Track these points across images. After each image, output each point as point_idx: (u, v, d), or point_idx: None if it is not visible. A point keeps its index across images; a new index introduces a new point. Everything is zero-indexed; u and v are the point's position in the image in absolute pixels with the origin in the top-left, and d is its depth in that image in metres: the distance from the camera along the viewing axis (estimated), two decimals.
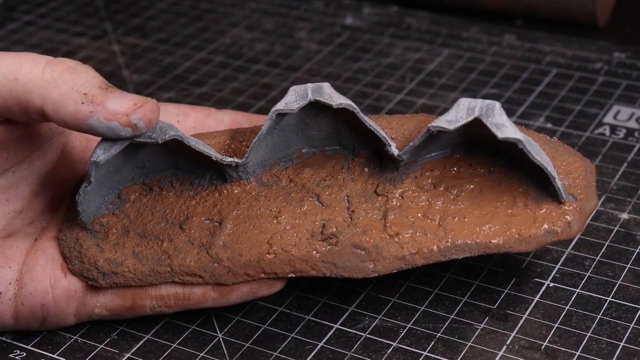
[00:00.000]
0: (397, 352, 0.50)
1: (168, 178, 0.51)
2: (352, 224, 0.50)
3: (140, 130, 0.47)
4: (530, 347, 0.50)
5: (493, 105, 0.48)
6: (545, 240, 0.49)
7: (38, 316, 0.50)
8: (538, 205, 0.49)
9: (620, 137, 0.65)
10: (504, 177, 0.50)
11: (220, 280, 0.50)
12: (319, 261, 0.49)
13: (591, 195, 0.50)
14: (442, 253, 0.49)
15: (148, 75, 0.75)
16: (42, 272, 0.50)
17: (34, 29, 0.83)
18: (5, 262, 0.50)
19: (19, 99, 0.47)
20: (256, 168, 0.51)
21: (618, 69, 0.73)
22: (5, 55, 0.48)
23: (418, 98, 0.71)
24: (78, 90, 0.47)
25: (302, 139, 0.51)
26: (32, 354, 0.51)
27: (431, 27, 0.80)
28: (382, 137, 0.49)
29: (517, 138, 0.47)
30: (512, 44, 0.77)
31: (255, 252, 0.49)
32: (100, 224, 0.51)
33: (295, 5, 0.85)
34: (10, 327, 0.51)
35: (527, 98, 0.70)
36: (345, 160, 0.51)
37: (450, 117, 0.48)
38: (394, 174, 0.50)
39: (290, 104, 0.49)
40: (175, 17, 0.84)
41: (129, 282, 0.50)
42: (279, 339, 0.51)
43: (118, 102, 0.47)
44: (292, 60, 0.77)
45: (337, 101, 0.48)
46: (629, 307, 0.52)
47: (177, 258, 0.50)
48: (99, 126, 0.47)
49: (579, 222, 0.49)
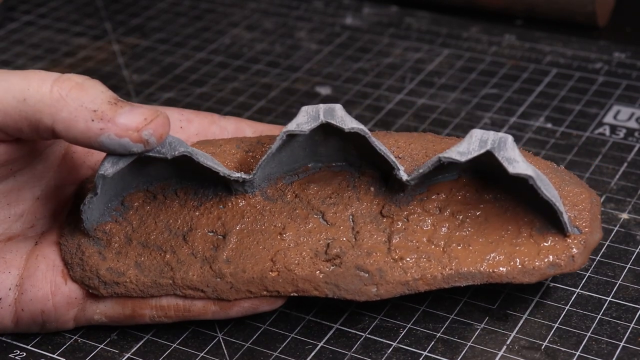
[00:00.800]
0: (397, 352, 0.50)
1: (172, 187, 0.51)
2: (356, 245, 0.49)
3: (151, 145, 0.47)
4: (530, 347, 0.50)
5: (505, 139, 0.48)
6: (549, 273, 0.49)
7: (38, 321, 0.50)
8: (543, 236, 0.49)
9: (620, 137, 0.65)
10: (509, 205, 0.50)
11: (222, 295, 0.49)
12: (322, 282, 0.49)
13: (596, 228, 0.50)
14: (446, 280, 0.49)
15: (148, 75, 0.75)
16: (43, 278, 0.50)
17: (34, 29, 0.83)
18: (5, 267, 0.50)
19: (29, 119, 0.46)
20: (261, 182, 0.51)
21: (618, 69, 0.73)
22: (12, 75, 0.47)
23: (418, 98, 0.71)
24: (87, 107, 0.46)
25: (309, 154, 0.51)
26: (32, 354, 0.51)
27: (431, 27, 0.80)
28: (391, 162, 0.49)
29: (529, 174, 0.47)
30: (512, 44, 0.77)
31: (259, 269, 0.49)
32: (103, 232, 0.50)
33: (295, 5, 0.85)
34: (10, 330, 0.51)
35: (527, 98, 0.70)
36: (351, 177, 0.51)
37: (462, 149, 0.48)
38: (400, 196, 0.50)
39: (301, 125, 0.48)
40: (175, 17, 0.84)
41: (130, 292, 0.50)
42: (279, 339, 0.51)
43: (128, 118, 0.46)
44: (292, 60, 0.76)
45: (348, 125, 0.48)
46: (629, 307, 0.52)
47: (179, 271, 0.49)
48: (110, 143, 0.46)
49: (582, 255, 0.49)
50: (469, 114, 0.69)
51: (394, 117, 0.69)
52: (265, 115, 0.70)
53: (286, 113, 0.70)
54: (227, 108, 0.71)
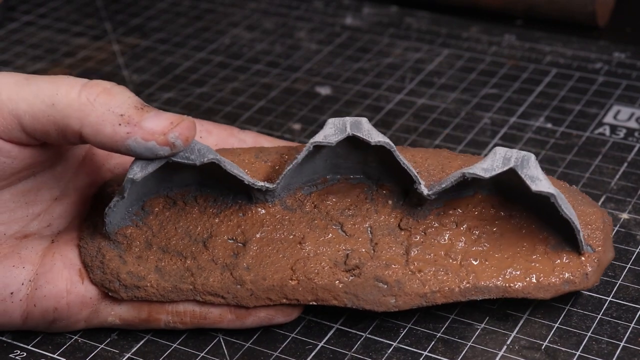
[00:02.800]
0: (398, 352, 0.50)
1: (192, 193, 0.51)
2: (375, 257, 0.50)
3: (178, 148, 0.47)
4: (530, 347, 0.50)
5: (529, 158, 0.48)
6: (563, 289, 0.50)
7: (48, 319, 0.50)
8: (557, 254, 0.50)
9: (620, 137, 0.65)
10: (525, 223, 0.51)
11: (242, 302, 0.50)
12: (342, 292, 0.49)
13: (608, 248, 0.51)
14: (462, 294, 0.49)
15: (148, 75, 0.75)
16: (59, 275, 0.50)
17: (34, 29, 0.83)
18: (20, 263, 0.50)
19: (57, 123, 0.47)
20: (281, 191, 0.51)
21: (618, 69, 0.73)
22: (41, 80, 0.47)
23: (418, 98, 0.71)
24: (114, 112, 0.47)
25: (329, 166, 0.51)
26: (33, 354, 0.51)
27: (431, 27, 0.80)
28: (413, 176, 0.49)
29: (551, 193, 0.48)
30: (512, 44, 0.77)
31: (279, 277, 0.49)
32: (124, 236, 0.51)
33: (295, 5, 0.85)
34: (18, 327, 0.51)
35: (527, 98, 0.70)
36: (369, 190, 0.51)
37: (486, 166, 0.48)
38: (418, 209, 0.51)
39: (328, 137, 0.49)
40: (175, 17, 0.84)
41: (151, 297, 0.50)
42: (279, 338, 0.51)
43: (155, 122, 0.47)
44: (292, 61, 0.76)
45: (375, 139, 0.49)
46: (629, 307, 0.52)
47: (200, 277, 0.50)
48: (137, 147, 0.47)
49: (596, 273, 0.50)
50: (468, 114, 0.69)
51: (394, 117, 0.69)
52: (265, 115, 0.70)
53: (286, 113, 0.70)
54: (227, 108, 0.71)
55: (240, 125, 0.69)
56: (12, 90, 0.47)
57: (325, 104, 0.71)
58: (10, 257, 0.50)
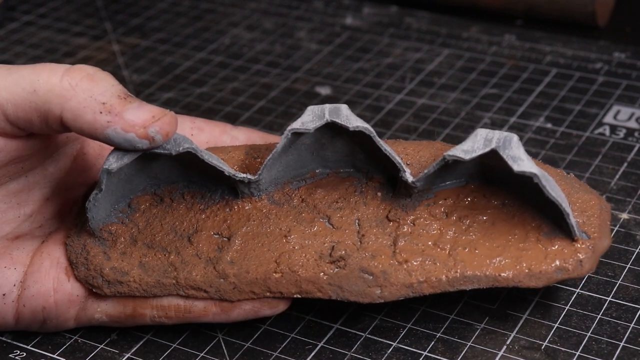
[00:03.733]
0: (397, 352, 0.50)
1: (179, 190, 0.51)
2: (361, 248, 0.49)
3: (157, 143, 0.47)
4: (530, 347, 0.50)
5: (511, 138, 0.47)
6: (556, 277, 0.48)
7: (39, 318, 0.50)
8: (550, 241, 0.49)
9: (620, 137, 0.65)
10: (517, 211, 0.50)
11: (225, 296, 0.49)
12: (326, 283, 0.49)
13: (605, 234, 0.50)
14: (450, 283, 0.48)
15: (148, 75, 0.75)
16: (46, 275, 0.50)
17: (34, 29, 0.83)
18: (12, 264, 0.50)
19: (39, 109, 0.47)
20: (268, 185, 0.51)
21: (618, 69, 0.73)
22: (23, 68, 0.47)
23: (418, 98, 0.71)
24: (96, 99, 0.46)
25: (316, 159, 0.51)
26: (32, 354, 0.51)
27: (431, 27, 0.80)
28: (397, 163, 0.49)
29: (533, 172, 0.46)
30: (512, 44, 0.77)
31: (262, 270, 0.49)
32: (109, 232, 0.51)
33: (295, 5, 0.85)
34: (11, 328, 0.51)
35: (527, 98, 0.70)
36: (358, 183, 0.51)
37: (467, 147, 0.47)
38: (407, 201, 0.50)
39: (306, 123, 0.48)
40: (175, 17, 0.84)
41: (134, 292, 0.50)
42: (279, 338, 0.51)
43: (136, 114, 0.46)
44: (292, 60, 0.77)
45: (353, 124, 0.48)
46: (629, 307, 0.52)
47: (183, 271, 0.49)
48: (116, 137, 0.46)
49: (591, 260, 0.49)
50: (469, 114, 0.69)
51: (394, 117, 0.69)
52: (265, 115, 0.70)
53: (286, 113, 0.70)
54: (227, 108, 0.71)
55: (241, 125, 0.69)
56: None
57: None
58: (2, 258, 0.50)
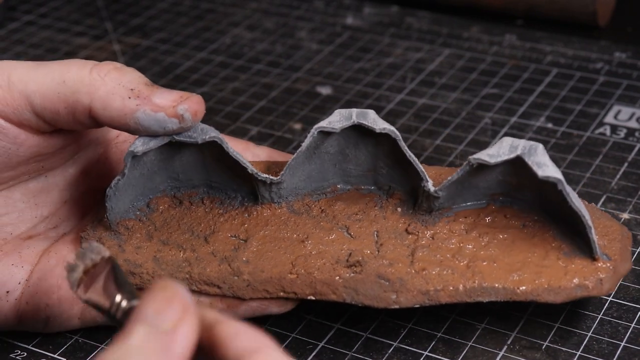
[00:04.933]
0: (398, 352, 0.50)
1: (199, 195, 0.51)
2: (378, 256, 0.49)
3: (186, 122, 0.47)
4: (531, 347, 0.50)
5: (537, 147, 0.47)
6: (575, 294, 0.48)
7: (42, 316, 0.50)
8: (571, 259, 0.48)
9: (620, 137, 0.65)
10: (537, 232, 0.49)
11: (238, 293, 0.49)
12: (341, 286, 0.48)
13: (626, 258, 0.49)
14: (468, 294, 0.48)
15: (148, 75, 0.75)
16: (51, 272, 0.50)
17: (35, 29, 0.83)
18: (20, 262, 0.50)
19: (67, 100, 0.47)
20: (289, 194, 0.51)
21: (619, 69, 0.73)
22: (52, 63, 0.48)
23: (419, 98, 0.71)
24: (125, 86, 0.47)
25: (338, 172, 0.51)
26: (33, 353, 0.51)
27: (432, 27, 0.80)
28: (420, 171, 0.48)
29: (558, 178, 0.46)
30: (513, 43, 0.77)
31: (278, 271, 0.49)
32: (126, 227, 0.51)
33: (296, 5, 0.85)
34: (14, 327, 0.51)
35: (528, 98, 0.70)
36: (379, 199, 0.51)
37: (492, 152, 0.47)
38: (427, 217, 0.50)
39: (333, 122, 0.48)
40: (176, 17, 0.84)
41: (145, 284, 0.49)
42: (280, 338, 0.51)
43: (164, 95, 0.47)
44: (292, 60, 0.77)
45: (380, 126, 0.48)
46: (630, 307, 0.52)
47: (197, 267, 0.49)
48: (146, 119, 0.47)
49: (611, 280, 0.48)
50: (469, 113, 0.69)
51: (394, 117, 0.69)
52: (266, 115, 0.70)
53: (287, 113, 0.70)
54: (227, 108, 0.71)
55: (241, 125, 0.69)
56: (23, 72, 0.48)
57: (326, 104, 0.71)
58: (11, 255, 0.50)
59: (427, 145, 0.65)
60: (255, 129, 0.68)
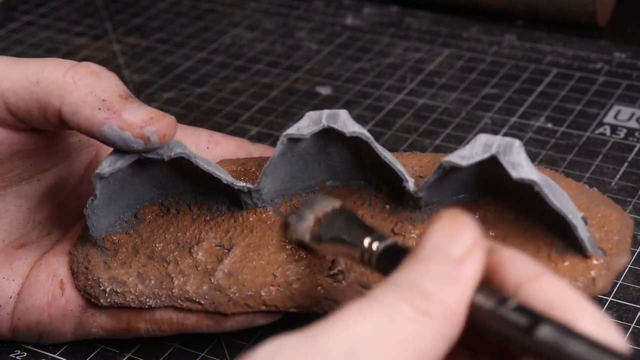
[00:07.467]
0: None
1: (187, 201, 0.50)
2: None
3: (152, 144, 0.46)
4: None
5: (512, 143, 0.43)
6: None
7: (34, 332, 0.50)
8: (562, 257, 0.45)
9: (620, 137, 0.65)
10: (530, 225, 0.47)
11: (220, 308, 0.48)
12: (322, 298, 0.47)
13: (623, 251, 0.46)
14: None
15: (148, 75, 0.75)
16: (42, 288, 0.49)
17: (35, 29, 0.83)
18: (11, 275, 0.49)
19: (39, 101, 0.46)
20: (274, 196, 0.49)
21: (618, 69, 0.73)
22: (29, 61, 0.47)
23: (418, 98, 0.71)
24: (97, 95, 0.46)
25: (324, 170, 0.49)
26: (33, 353, 0.51)
27: (431, 27, 0.80)
28: (398, 172, 0.47)
29: (533, 179, 0.43)
30: (513, 43, 0.77)
31: (259, 283, 0.47)
32: (111, 242, 0.50)
33: (295, 5, 0.85)
34: (8, 339, 0.51)
35: (528, 98, 0.70)
36: (368, 195, 0.49)
37: (465, 153, 0.44)
38: (416, 214, 0.48)
39: (302, 128, 0.47)
40: (175, 17, 0.84)
41: (129, 303, 0.48)
42: None
43: (134, 113, 0.46)
44: (292, 60, 0.77)
45: (350, 129, 0.46)
46: (630, 307, 0.52)
47: (179, 282, 0.48)
48: (111, 134, 0.46)
49: (604, 279, 0.45)
50: (469, 114, 0.69)
51: (394, 117, 0.69)
52: (266, 115, 0.70)
53: (286, 113, 0.70)
54: (227, 108, 0.71)
55: (241, 125, 0.69)
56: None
57: (326, 104, 0.71)
58: (3, 267, 0.49)
59: (426, 145, 0.65)
60: (255, 129, 0.68)
